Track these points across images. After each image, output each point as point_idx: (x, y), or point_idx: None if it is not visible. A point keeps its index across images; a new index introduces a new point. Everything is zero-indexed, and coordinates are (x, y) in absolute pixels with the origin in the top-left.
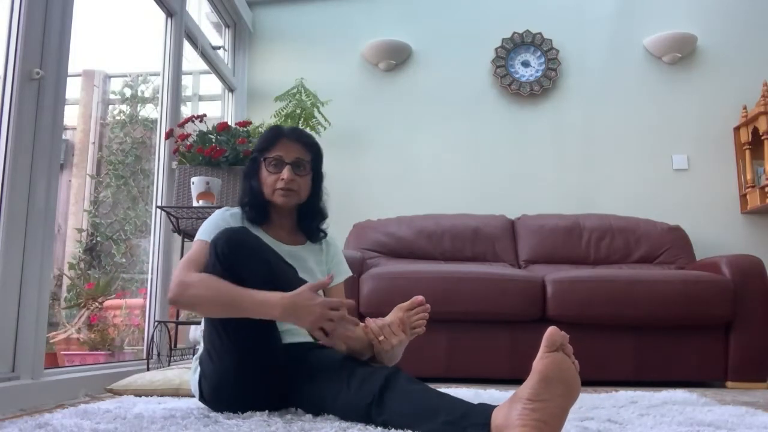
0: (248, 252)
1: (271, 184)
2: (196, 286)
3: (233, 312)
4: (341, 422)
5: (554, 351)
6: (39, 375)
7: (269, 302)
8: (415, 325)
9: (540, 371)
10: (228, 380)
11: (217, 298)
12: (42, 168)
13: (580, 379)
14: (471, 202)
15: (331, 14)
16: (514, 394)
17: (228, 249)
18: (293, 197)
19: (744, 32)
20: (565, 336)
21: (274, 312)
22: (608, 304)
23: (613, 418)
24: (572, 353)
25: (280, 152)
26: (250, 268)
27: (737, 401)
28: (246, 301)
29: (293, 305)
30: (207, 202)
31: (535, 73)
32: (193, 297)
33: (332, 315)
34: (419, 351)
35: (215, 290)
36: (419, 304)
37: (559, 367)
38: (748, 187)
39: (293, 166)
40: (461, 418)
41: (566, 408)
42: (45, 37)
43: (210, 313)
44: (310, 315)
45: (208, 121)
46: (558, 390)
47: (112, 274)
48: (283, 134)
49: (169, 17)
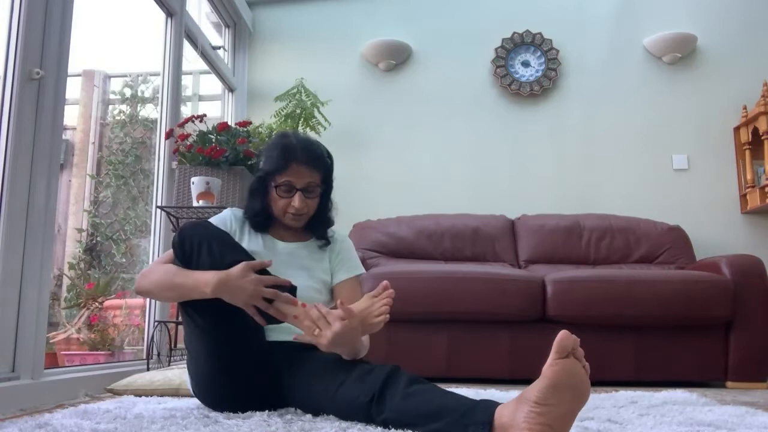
0: (198, 241)
1: (282, 207)
2: (148, 275)
3: (178, 295)
4: (341, 422)
5: (565, 357)
6: (39, 375)
7: (202, 280)
8: (378, 312)
9: (549, 378)
10: (207, 378)
11: (162, 283)
12: (42, 168)
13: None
14: (471, 202)
15: (331, 14)
16: (521, 394)
17: (179, 239)
18: (304, 219)
19: (744, 32)
20: (576, 340)
21: (206, 289)
22: (608, 304)
23: (613, 418)
24: (583, 357)
25: (291, 177)
26: (198, 256)
27: (737, 401)
28: (182, 281)
29: (223, 282)
30: (207, 202)
31: (535, 73)
32: (148, 284)
33: (266, 292)
34: (419, 351)
35: (162, 276)
36: (384, 289)
37: (569, 374)
38: (748, 187)
39: (304, 191)
40: (463, 416)
41: (574, 412)
42: (45, 37)
43: (161, 298)
44: (241, 292)
45: (208, 121)
46: (567, 396)
47: (112, 274)
48: (295, 158)
49: (169, 17)
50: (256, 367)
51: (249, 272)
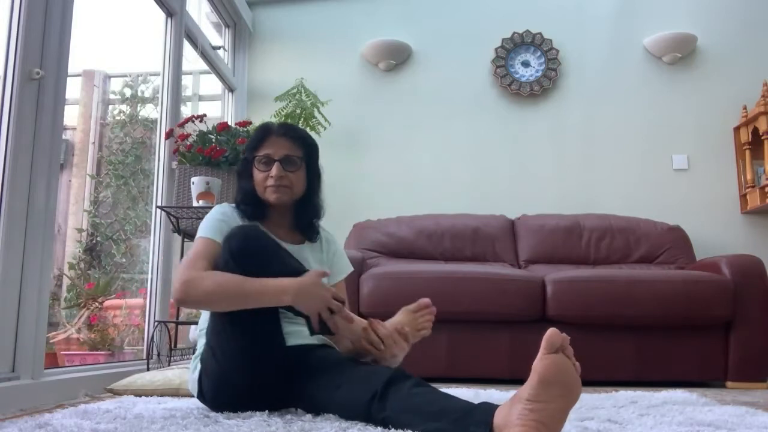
0: (263, 249)
1: (262, 182)
2: (204, 282)
3: (244, 303)
4: (341, 422)
5: (554, 353)
6: (39, 375)
7: (280, 287)
8: (420, 327)
9: (539, 372)
10: (231, 379)
11: (227, 291)
12: (42, 168)
13: (581, 380)
14: (471, 202)
15: (331, 14)
16: (515, 394)
17: (244, 245)
18: (285, 193)
19: (744, 32)
20: (566, 338)
21: (286, 297)
22: (608, 304)
23: (613, 418)
24: (573, 355)
25: (269, 150)
26: (265, 264)
27: (737, 401)
28: (257, 289)
29: (304, 289)
30: (207, 202)
31: (535, 73)
32: (202, 294)
33: (334, 305)
34: (419, 351)
35: (224, 283)
36: (425, 306)
37: (558, 368)
38: (748, 187)
39: (282, 162)
40: (464, 417)
41: (566, 409)
42: (45, 37)
43: (221, 307)
44: (317, 299)
45: (208, 121)
46: (557, 391)
47: (112, 274)
48: (272, 131)
49: (169, 17)
50: (280, 371)
51: (320, 280)
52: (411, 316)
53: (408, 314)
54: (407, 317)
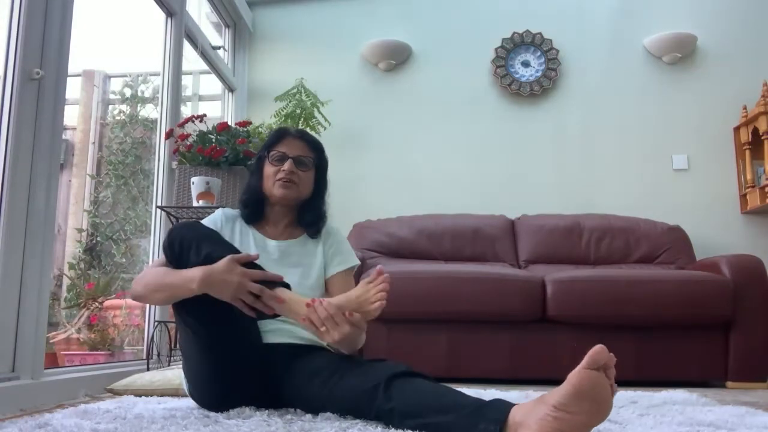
0: (188, 241)
1: (272, 175)
2: (145, 278)
3: (168, 295)
4: (341, 422)
5: (595, 369)
6: (39, 375)
7: (188, 276)
8: (375, 299)
9: (574, 384)
10: (201, 380)
11: (152, 284)
12: (42, 168)
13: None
14: (471, 202)
15: (331, 14)
16: (542, 396)
17: (168, 240)
18: (293, 190)
19: (744, 32)
20: (612, 358)
21: (192, 285)
22: (608, 304)
23: (613, 418)
24: (614, 377)
25: (284, 148)
26: (188, 256)
27: (737, 401)
28: (171, 281)
29: (208, 276)
30: (207, 202)
31: (535, 73)
32: (143, 286)
33: (251, 287)
34: (419, 351)
35: (153, 276)
36: (378, 274)
37: (594, 384)
38: (748, 187)
39: (295, 160)
40: (475, 413)
41: (590, 426)
42: (45, 37)
43: (154, 301)
44: (227, 286)
45: (208, 121)
46: (587, 406)
47: (112, 274)
48: (289, 133)
49: (169, 17)
50: (251, 369)
51: (235, 266)
52: (363, 289)
53: (363, 286)
54: (361, 290)
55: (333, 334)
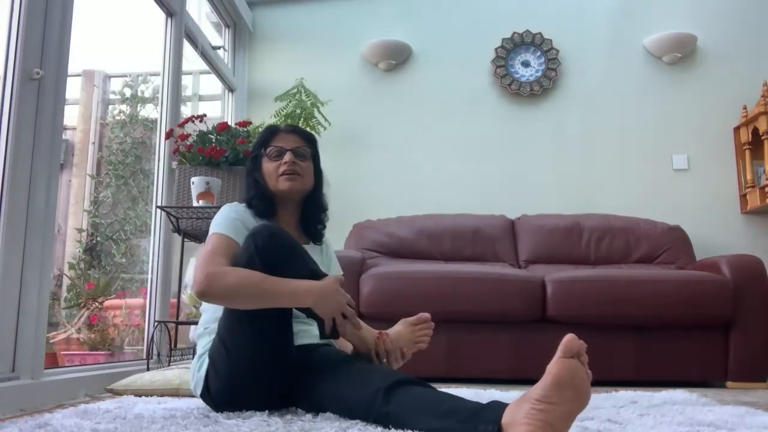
0: (285, 248)
1: (274, 170)
2: (227, 277)
3: (267, 302)
4: (341, 422)
5: (570, 357)
6: (39, 375)
7: (302, 289)
8: (417, 340)
9: (553, 374)
10: (242, 375)
11: (250, 287)
12: (42, 168)
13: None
14: (471, 202)
15: (331, 14)
16: (523, 394)
17: (270, 243)
18: (298, 181)
19: (744, 32)
20: (583, 345)
21: (308, 299)
22: (608, 304)
23: (613, 418)
24: (587, 363)
25: (280, 143)
26: (287, 264)
27: (737, 401)
28: (278, 289)
29: (325, 293)
30: (207, 202)
31: (535, 73)
32: (226, 287)
33: (348, 311)
34: (419, 351)
35: (246, 279)
36: (425, 321)
37: (572, 372)
38: (748, 187)
39: (294, 152)
40: (473, 417)
41: (574, 413)
42: (45, 37)
43: (244, 303)
44: (335, 305)
45: (208, 121)
46: (568, 395)
47: (112, 274)
48: (280, 129)
49: (169, 17)
50: (284, 368)
51: (339, 286)
52: (410, 329)
53: (407, 326)
54: (406, 329)
55: (392, 365)
